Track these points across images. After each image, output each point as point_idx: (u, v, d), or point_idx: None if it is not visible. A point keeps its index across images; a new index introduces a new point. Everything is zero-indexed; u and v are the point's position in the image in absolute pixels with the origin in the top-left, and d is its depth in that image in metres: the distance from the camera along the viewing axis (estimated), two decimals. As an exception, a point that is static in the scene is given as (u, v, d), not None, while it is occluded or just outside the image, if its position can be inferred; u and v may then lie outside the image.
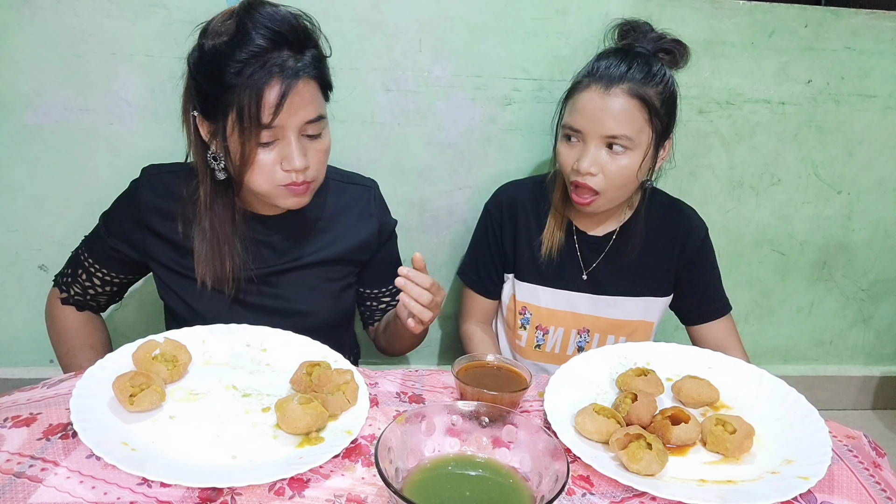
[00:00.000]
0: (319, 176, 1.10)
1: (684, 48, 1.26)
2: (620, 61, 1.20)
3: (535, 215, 1.39)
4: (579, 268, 1.38)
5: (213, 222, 1.11)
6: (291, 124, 1.00)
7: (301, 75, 0.99)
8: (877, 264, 1.95)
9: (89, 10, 1.41)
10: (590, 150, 1.20)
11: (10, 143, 1.51)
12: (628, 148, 1.19)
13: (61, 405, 0.84)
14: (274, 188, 1.05)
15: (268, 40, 0.96)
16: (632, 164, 1.20)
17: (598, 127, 1.19)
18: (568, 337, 1.43)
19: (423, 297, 1.02)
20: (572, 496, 0.77)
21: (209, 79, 0.99)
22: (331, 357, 0.99)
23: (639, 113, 1.18)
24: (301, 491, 0.74)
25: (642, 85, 1.18)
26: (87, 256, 1.23)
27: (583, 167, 1.20)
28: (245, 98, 0.96)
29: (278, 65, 0.97)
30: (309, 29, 1.02)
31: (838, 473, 0.82)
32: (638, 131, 1.19)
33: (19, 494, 0.70)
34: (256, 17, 0.97)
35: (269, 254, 1.19)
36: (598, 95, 1.18)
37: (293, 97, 0.98)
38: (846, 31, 1.63)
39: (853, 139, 1.76)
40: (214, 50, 0.98)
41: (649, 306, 1.40)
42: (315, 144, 1.06)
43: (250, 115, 0.97)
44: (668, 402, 0.96)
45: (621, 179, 1.22)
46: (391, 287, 1.32)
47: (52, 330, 1.30)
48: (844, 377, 2.11)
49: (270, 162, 1.03)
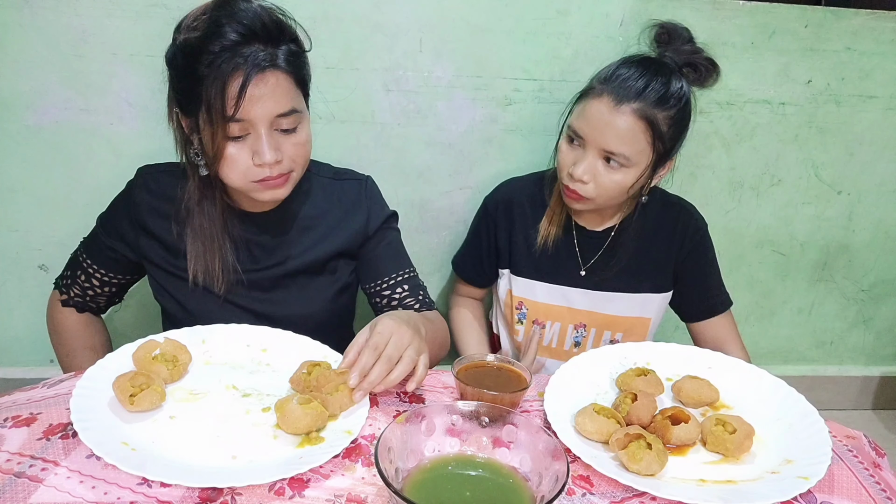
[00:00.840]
0: (297, 167, 1.08)
1: (715, 69, 1.23)
2: (640, 76, 1.17)
3: (533, 211, 1.40)
4: (577, 263, 1.39)
5: (201, 219, 1.11)
6: (261, 117, 0.99)
7: (269, 67, 0.98)
8: (877, 265, 1.95)
9: (90, 10, 1.41)
10: (587, 158, 1.20)
11: (10, 142, 1.51)
12: (624, 165, 1.19)
13: (61, 405, 0.84)
14: (247, 183, 1.04)
15: (239, 34, 0.96)
16: (625, 180, 1.21)
17: (599, 139, 1.18)
18: (564, 332, 1.43)
19: (380, 370, 0.87)
20: (572, 496, 0.77)
21: (183, 73, 1.00)
22: (331, 357, 0.99)
23: (643, 135, 1.17)
24: (301, 491, 0.74)
25: (654, 107, 1.16)
26: (86, 258, 1.23)
27: (576, 173, 1.20)
28: (211, 90, 0.96)
29: (246, 57, 0.96)
30: (282, 23, 1.01)
31: (838, 474, 0.82)
32: (638, 152, 1.19)
33: (19, 494, 0.70)
34: (229, 11, 0.96)
35: (259, 252, 1.18)
36: (606, 108, 1.17)
37: (259, 89, 0.97)
38: (847, 32, 1.63)
39: (854, 140, 1.76)
40: (186, 44, 0.98)
41: (647, 302, 1.40)
42: (290, 138, 1.04)
43: (215, 107, 0.97)
44: (668, 402, 0.96)
45: (612, 192, 1.22)
46: (388, 279, 1.25)
47: (53, 332, 1.30)
48: (845, 378, 2.11)
49: (242, 156, 1.02)
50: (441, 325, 1.24)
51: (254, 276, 1.18)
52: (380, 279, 1.26)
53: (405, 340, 0.90)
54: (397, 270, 1.25)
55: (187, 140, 1.06)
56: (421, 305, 1.25)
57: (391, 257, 1.26)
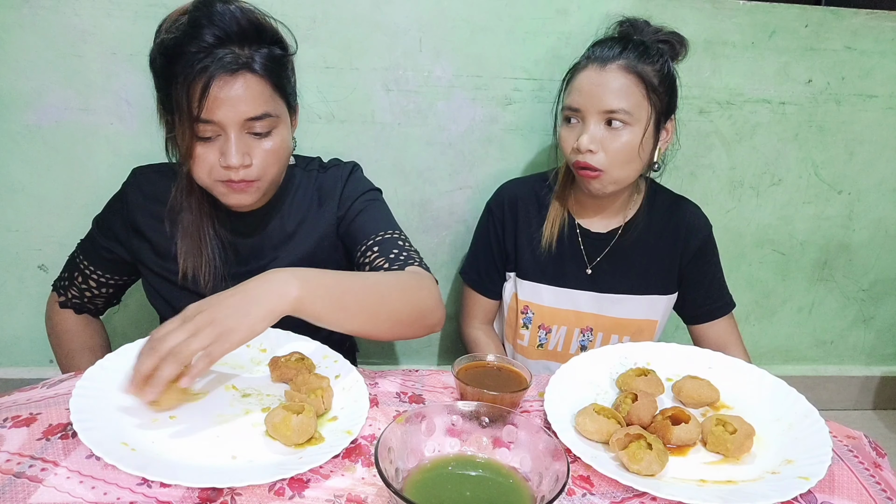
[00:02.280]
0: (267, 176, 1.06)
1: (682, 40, 1.27)
2: (616, 43, 1.22)
3: (537, 212, 1.39)
4: (582, 264, 1.38)
5: (189, 217, 1.11)
6: (229, 120, 0.99)
7: (239, 70, 0.98)
8: (877, 264, 1.95)
9: (90, 10, 1.41)
10: (589, 127, 1.21)
11: (10, 142, 1.51)
12: (627, 123, 1.20)
13: (61, 405, 0.84)
14: (213, 184, 1.04)
15: (214, 37, 0.96)
16: (632, 139, 1.20)
17: (595, 103, 1.20)
18: (571, 335, 1.42)
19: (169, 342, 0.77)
20: (572, 496, 0.77)
21: (161, 73, 1.00)
22: (331, 356, 0.99)
23: (636, 88, 1.19)
24: (301, 491, 0.74)
25: (638, 62, 1.20)
26: (82, 259, 1.23)
27: (583, 144, 1.20)
28: (181, 90, 0.96)
29: (217, 59, 0.96)
30: (261, 25, 1.01)
31: (839, 474, 0.81)
32: (636, 106, 1.20)
33: (19, 494, 0.70)
34: (207, 13, 0.96)
35: (246, 252, 1.18)
36: (594, 73, 1.20)
37: (228, 91, 0.97)
38: (847, 32, 1.63)
39: (854, 139, 1.76)
40: (164, 45, 0.98)
41: (653, 304, 1.39)
42: (262, 143, 1.03)
43: (182, 106, 0.97)
44: (669, 402, 0.96)
45: (622, 155, 1.21)
46: (361, 245, 1.14)
47: (52, 334, 1.30)
48: (845, 377, 2.11)
49: (209, 157, 1.02)
50: (410, 285, 1.01)
51: (242, 276, 1.17)
52: (356, 247, 1.16)
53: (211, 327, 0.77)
54: (369, 235, 1.15)
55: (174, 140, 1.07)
56: (390, 265, 1.08)
57: (364, 223, 1.18)
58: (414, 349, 1.91)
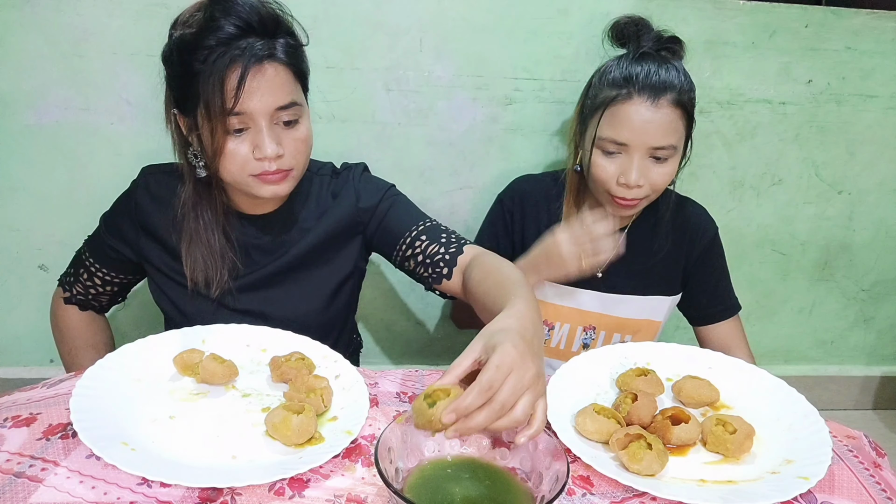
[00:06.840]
0: (298, 165, 1.07)
1: (680, 43, 1.26)
2: (658, 66, 1.18)
3: (547, 210, 1.39)
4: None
5: (197, 224, 1.10)
6: (260, 110, 0.99)
7: (266, 60, 0.97)
8: (878, 265, 1.95)
9: (91, 10, 1.41)
10: (635, 161, 1.18)
11: (11, 142, 1.51)
12: (671, 156, 1.20)
13: (61, 405, 0.84)
14: (246, 178, 1.03)
15: (235, 27, 0.96)
16: (673, 169, 1.22)
17: (645, 139, 1.18)
18: (574, 333, 1.42)
19: (485, 418, 0.68)
20: (572, 496, 0.77)
21: (179, 70, 0.99)
22: (331, 357, 0.99)
23: (681, 121, 1.19)
24: (301, 491, 0.74)
25: (683, 92, 1.18)
26: (88, 256, 1.23)
27: (632, 180, 1.19)
28: (209, 84, 0.95)
29: (243, 49, 0.96)
30: (278, 16, 1.01)
31: (838, 474, 0.81)
32: (680, 138, 1.20)
33: (19, 494, 0.70)
34: (224, 6, 0.96)
35: (258, 255, 1.18)
36: (645, 108, 1.16)
37: (259, 81, 0.97)
38: (847, 32, 1.63)
39: (854, 139, 1.76)
40: (182, 41, 0.98)
41: (657, 305, 1.39)
42: (291, 133, 1.03)
43: (214, 101, 0.96)
44: (669, 402, 0.96)
45: (663, 185, 1.23)
46: (404, 238, 1.16)
47: (56, 329, 1.30)
48: (845, 377, 2.11)
49: (242, 150, 1.01)
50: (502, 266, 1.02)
51: (253, 279, 1.17)
52: (397, 243, 1.17)
53: (525, 382, 0.70)
54: (409, 227, 1.16)
55: (185, 142, 1.06)
56: (446, 250, 1.11)
57: (400, 216, 1.19)
58: (414, 349, 1.91)
